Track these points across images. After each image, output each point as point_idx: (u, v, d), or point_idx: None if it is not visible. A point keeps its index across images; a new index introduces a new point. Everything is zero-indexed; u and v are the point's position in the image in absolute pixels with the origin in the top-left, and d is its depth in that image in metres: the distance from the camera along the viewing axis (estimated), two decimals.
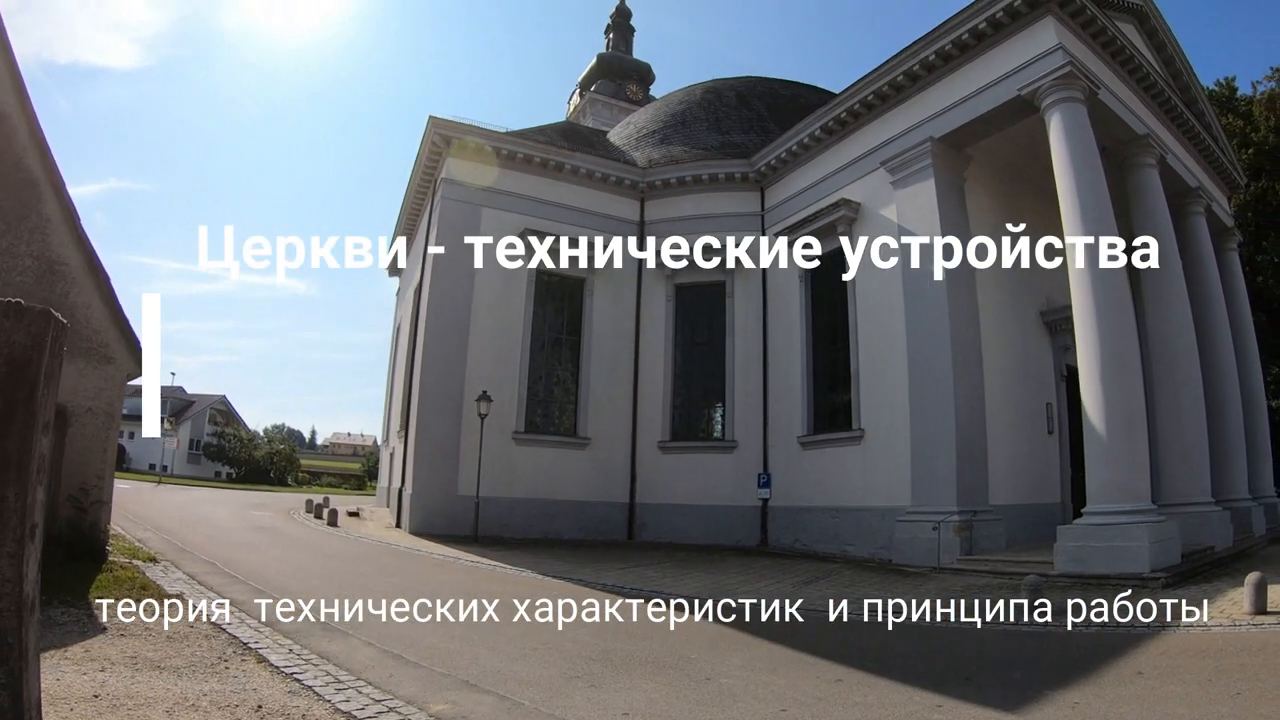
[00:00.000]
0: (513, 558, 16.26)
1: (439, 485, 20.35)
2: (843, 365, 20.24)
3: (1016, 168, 20.12)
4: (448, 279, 21.59)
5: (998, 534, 16.66)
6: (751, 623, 10.59)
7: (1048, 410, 20.17)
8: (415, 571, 14.50)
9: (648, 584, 13.62)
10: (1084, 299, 15.02)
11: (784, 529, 20.81)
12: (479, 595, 11.97)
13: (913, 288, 18.18)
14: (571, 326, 23.22)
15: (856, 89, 20.07)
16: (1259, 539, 18.96)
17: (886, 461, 18.19)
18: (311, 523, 22.87)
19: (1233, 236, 25.96)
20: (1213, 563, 14.40)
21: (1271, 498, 23.20)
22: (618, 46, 60.70)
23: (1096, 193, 15.48)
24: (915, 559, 16.23)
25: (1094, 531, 13.64)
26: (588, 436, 22.44)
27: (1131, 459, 14.15)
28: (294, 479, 70.27)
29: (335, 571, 13.85)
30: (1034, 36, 16.45)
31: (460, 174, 22.34)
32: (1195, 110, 22.44)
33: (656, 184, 24.59)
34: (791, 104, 27.59)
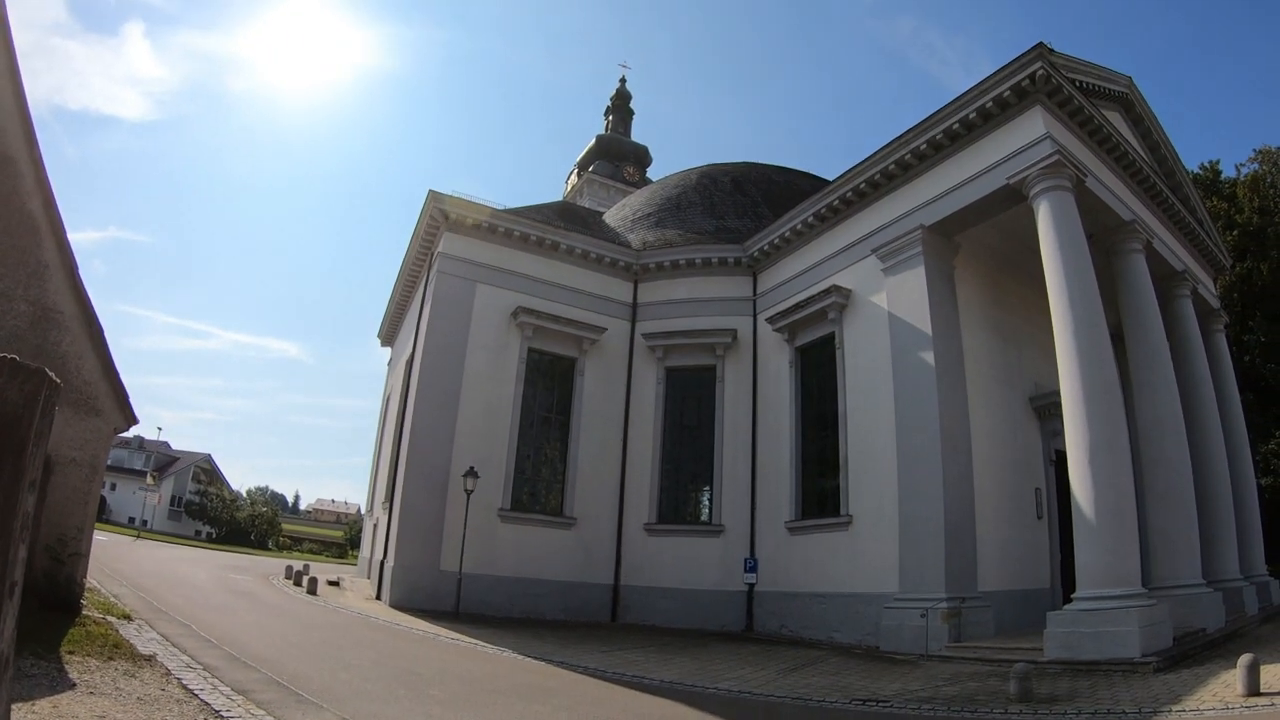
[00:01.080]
0: (494, 636, 15.98)
1: (422, 559, 20.06)
2: (831, 450, 20.26)
3: (1005, 254, 20.43)
4: (440, 352, 21.64)
5: (986, 620, 16.46)
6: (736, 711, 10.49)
7: (1037, 495, 20.14)
8: (394, 646, 14.18)
9: (630, 668, 13.40)
10: (1072, 384, 15.06)
11: (770, 614, 20.56)
12: (458, 674, 11.86)
13: (902, 374, 18.27)
14: (561, 405, 23.22)
15: (849, 177, 20.42)
16: (1251, 619, 18.73)
17: (874, 547, 18.07)
18: (291, 590, 22.47)
19: (1219, 318, 26.18)
20: (1205, 645, 14.22)
21: (1263, 576, 23.03)
22: (617, 128, 61.84)
23: (1084, 279, 15.62)
24: (903, 646, 15.99)
25: (1084, 617, 13.48)
26: (574, 516, 22.26)
27: (1121, 543, 14.05)
28: (275, 543, 69.72)
29: (312, 641, 13.51)
30: (1022, 126, 16.77)
31: (457, 249, 22.57)
32: (1180, 194, 22.82)
33: (650, 266, 24.89)
34: (785, 190, 28.23)
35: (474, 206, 22.77)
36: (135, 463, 69.39)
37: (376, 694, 9.50)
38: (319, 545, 76.25)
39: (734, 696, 11.52)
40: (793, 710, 10.84)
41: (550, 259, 23.81)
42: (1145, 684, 11.26)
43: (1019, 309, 20.99)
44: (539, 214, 25.19)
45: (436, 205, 22.51)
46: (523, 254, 23.37)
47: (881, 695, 11.43)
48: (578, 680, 12.33)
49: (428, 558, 20.08)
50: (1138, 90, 20.77)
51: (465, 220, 22.63)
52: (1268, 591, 22.31)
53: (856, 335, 20.11)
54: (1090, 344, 15.12)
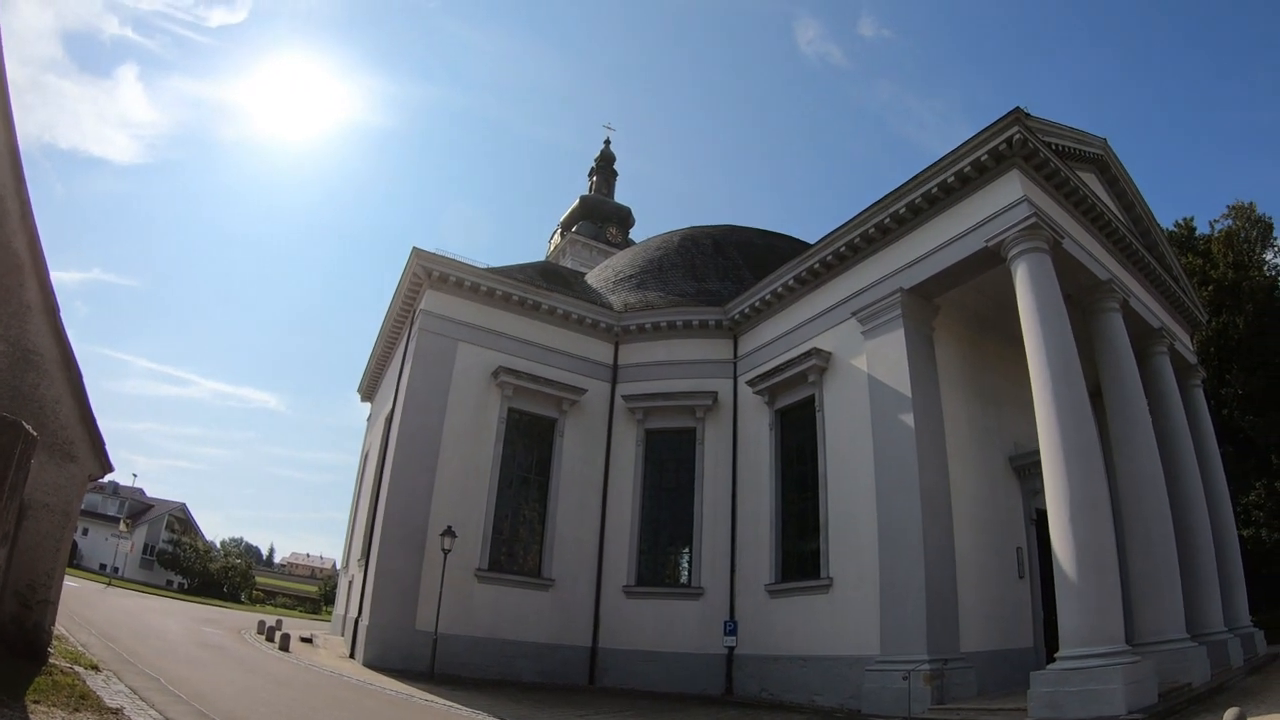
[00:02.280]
0: (469, 699, 15.67)
1: (397, 618, 19.70)
2: (811, 513, 20.18)
3: (983, 316, 20.60)
4: (420, 410, 21.51)
5: (969, 682, 16.29)
6: None
7: (1018, 554, 20.05)
8: (367, 707, 13.94)
9: None
10: (1052, 444, 15.10)
11: (750, 678, 20.30)
12: None
13: (882, 436, 18.29)
14: (541, 466, 23.10)
15: (829, 241, 20.63)
16: (1237, 671, 18.69)
17: (855, 610, 17.93)
18: (263, 645, 22.17)
19: (1196, 373, 26.43)
20: (1191, 699, 14.19)
21: (1247, 628, 23.07)
22: (600, 189, 62.26)
23: (1062, 340, 15.74)
24: (885, 709, 15.80)
25: (1068, 676, 13.39)
26: (552, 578, 22.05)
27: (1103, 600, 14.00)
28: (248, 596, 68.70)
29: (283, 700, 13.24)
30: (1000, 190, 17.00)
31: (439, 307, 22.59)
32: (1156, 253, 23.15)
33: (631, 328, 25.01)
34: (767, 253, 28.41)
35: (457, 265, 22.81)
36: (109, 509, 68.54)
37: None
38: (293, 600, 75.38)
39: None
40: None
41: (532, 319, 23.90)
42: None
43: (998, 369, 21.10)
44: (521, 274, 25.28)
45: (420, 262, 22.52)
46: (505, 313, 23.46)
47: None
48: None
49: (403, 616, 19.73)
50: (1112, 152, 21.16)
51: (448, 278, 22.69)
52: (1253, 643, 22.36)
53: (836, 398, 20.16)
54: (1069, 403, 15.18)
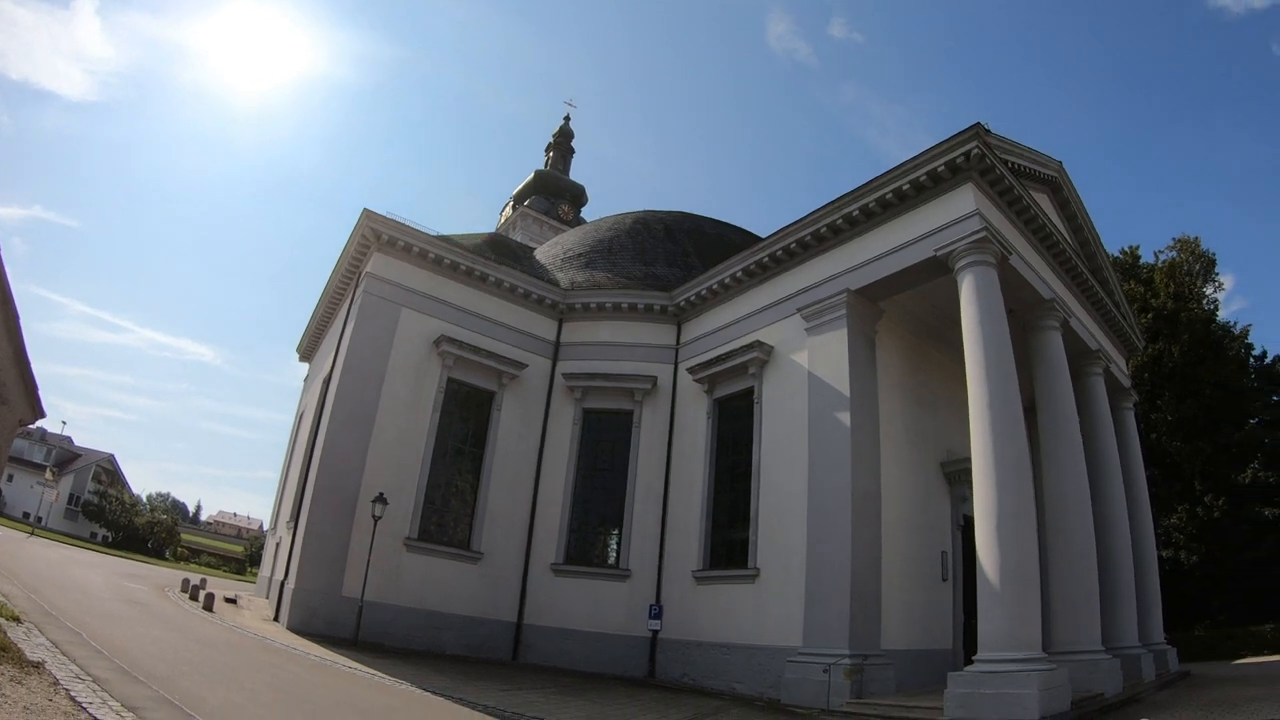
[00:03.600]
0: (393, 667, 15.60)
1: (324, 583, 19.43)
2: (743, 503, 20.29)
3: (926, 322, 20.94)
4: (358, 374, 21.18)
5: (888, 678, 16.56)
6: None
7: (943, 558, 20.48)
8: (290, 671, 13.78)
9: (529, 709, 13.18)
10: (983, 454, 15.38)
11: (673, 662, 20.40)
12: (355, 704, 11.61)
13: (818, 433, 18.44)
14: (476, 438, 22.90)
15: (780, 236, 20.68)
16: (1149, 685, 19.36)
17: (780, 601, 18.08)
18: (186, 604, 21.77)
19: (1129, 396, 27.14)
20: (1102, 709, 14.61)
21: (1161, 645, 23.91)
22: (556, 165, 61.95)
23: (1001, 353, 16.04)
24: (804, 700, 16.00)
25: (984, 679, 13.68)
26: (481, 551, 21.90)
27: (1023, 608, 14.32)
28: (172, 553, 67.60)
29: (206, 660, 13.02)
30: (953, 201, 17.20)
31: (385, 271, 22.26)
32: (1100, 276, 23.67)
33: (576, 307, 24.89)
34: (717, 242, 28.50)
35: (407, 229, 22.50)
36: (35, 455, 66.71)
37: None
38: (217, 559, 74.33)
39: None
40: None
41: (477, 290, 23.69)
42: None
43: (936, 376, 21.49)
44: (470, 244, 25.04)
45: (369, 224, 22.19)
46: (450, 282, 23.20)
47: None
48: (476, 718, 12.09)
49: (330, 582, 19.46)
50: (1067, 175, 21.61)
51: (397, 242, 22.36)
52: (1165, 659, 23.16)
53: (775, 391, 20.26)
54: (1003, 415, 15.47)
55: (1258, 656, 30.96)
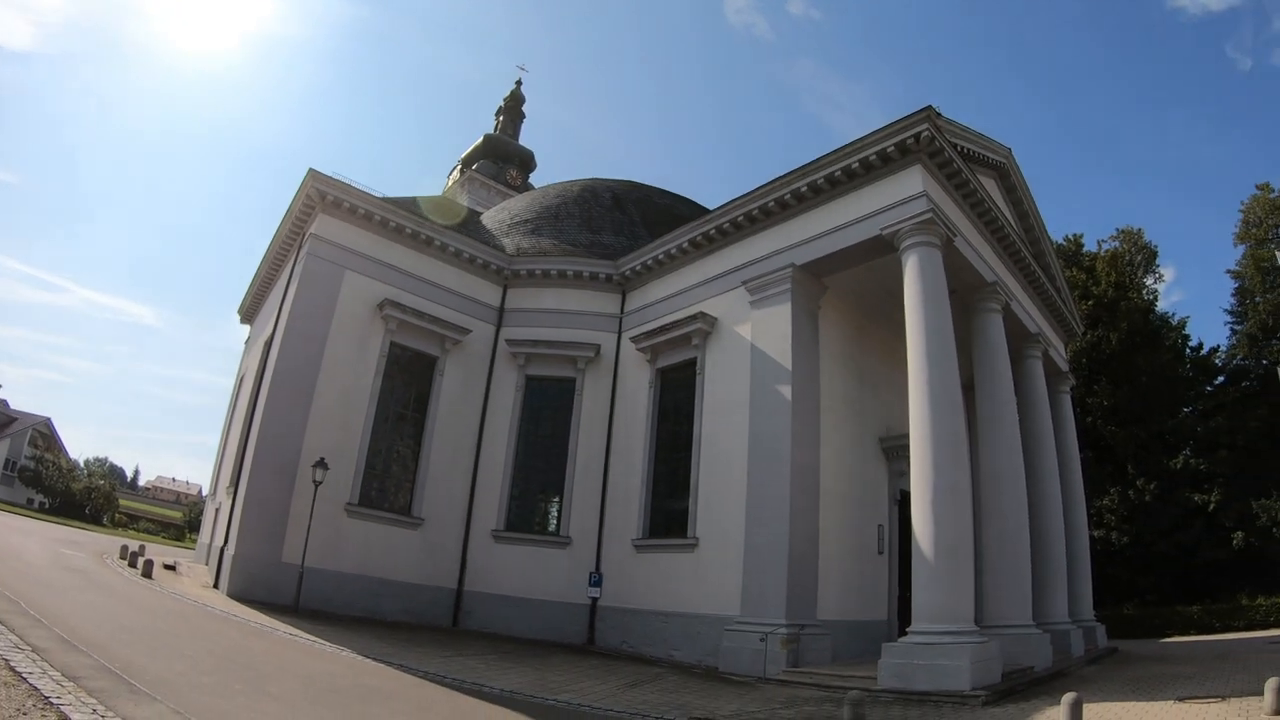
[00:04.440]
0: (333, 634, 15.56)
1: (264, 550, 19.21)
2: (683, 473, 20.45)
3: (869, 300, 21.11)
4: (300, 336, 20.84)
5: (824, 648, 16.90)
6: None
7: (879, 532, 20.86)
8: (230, 638, 13.72)
9: (470, 675, 13.27)
10: (921, 430, 15.67)
11: (613, 629, 20.58)
12: (297, 671, 11.58)
13: (759, 405, 18.61)
14: (418, 403, 22.70)
15: (728, 209, 20.67)
16: (1077, 659, 20.04)
17: (719, 571, 18.28)
18: (125, 571, 21.44)
19: (1066, 380, 27.78)
20: (1032, 682, 14.99)
21: (1090, 621, 24.69)
22: (506, 129, 60.78)
23: (942, 333, 16.30)
24: (741, 668, 16.25)
25: (917, 650, 14.04)
26: (422, 517, 21.81)
27: (956, 582, 14.69)
28: (111, 520, 66.29)
29: (147, 628, 12.94)
30: (901, 182, 17.35)
31: (329, 232, 21.88)
32: (1043, 263, 24.12)
33: (521, 273, 24.72)
34: (664, 213, 28.46)
35: (352, 191, 22.10)
36: None
37: (212, 687, 9.20)
38: (157, 525, 73.01)
39: (573, 709, 11.55)
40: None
41: (422, 254, 23.38)
42: (973, 716, 11.78)
43: (878, 353, 21.76)
44: (416, 207, 24.68)
45: (315, 185, 21.72)
46: (395, 245, 22.89)
47: (718, 715, 11.62)
48: (418, 684, 12.17)
49: (270, 548, 19.24)
50: (1015, 162, 21.96)
51: (342, 204, 21.95)
52: (1094, 635, 23.96)
53: (718, 363, 20.35)
54: (941, 394, 15.76)
55: (1184, 636, 32.04)
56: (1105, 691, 14.10)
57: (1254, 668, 15.82)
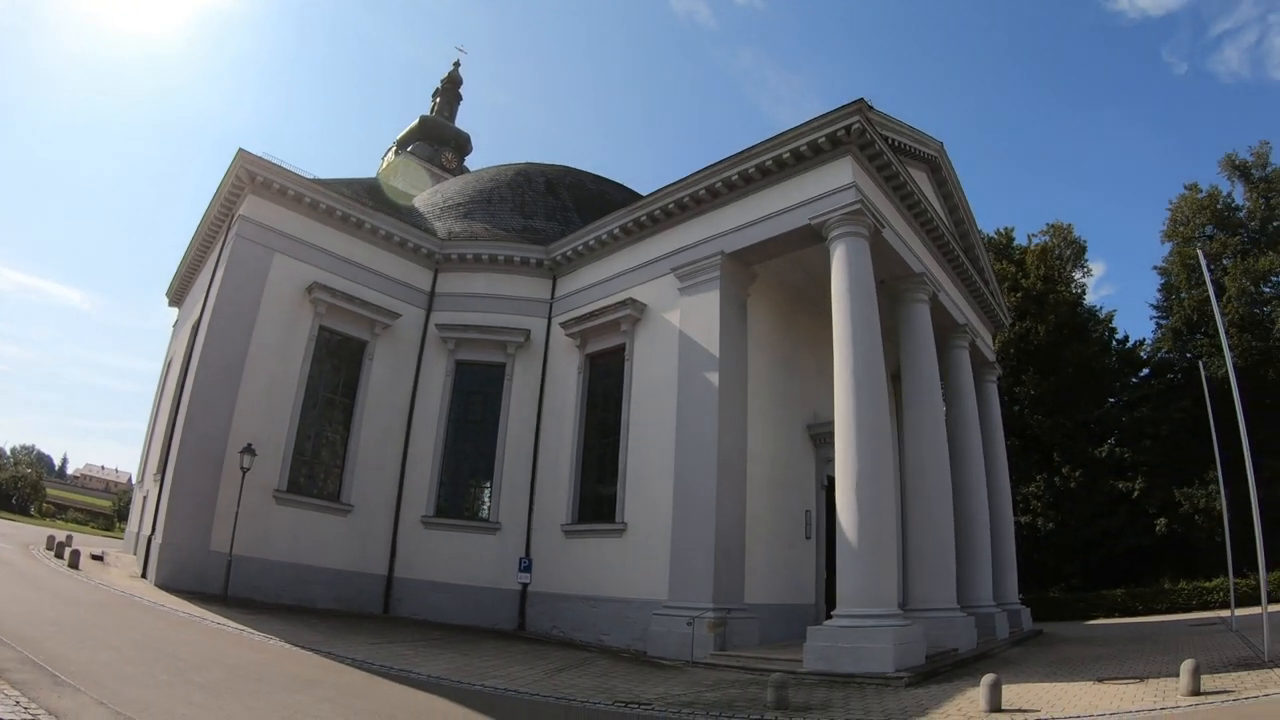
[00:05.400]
0: (262, 623, 15.41)
1: (191, 538, 18.84)
2: (611, 459, 20.53)
3: (797, 288, 21.45)
4: (227, 320, 20.43)
5: (751, 631, 17.13)
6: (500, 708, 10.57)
7: (807, 517, 21.19)
8: (157, 628, 13.56)
9: (398, 661, 13.27)
10: (845, 417, 15.95)
11: (543, 615, 20.64)
12: (224, 660, 11.51)
13: (687, 391, 18.73)
14: (348, 388, 22.40)
15: (659, 196, 20.71)
16: (1001, 642, 20.53)
17: (646, 556, 18.43)
18: (51, 562, 21.09)
19: (993, 369, 28.37)
20: (955, 664, 15.37)
21: (1015, 605, 25.35)
22: (442, 111, 60.32)
23: (868, 322, 16.57)
24: (669, 652, 16.42)
25: (842, 633, 14.34)
26: (351, 504, 21.58)
27: (880, 566, 14.98)
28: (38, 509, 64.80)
29: (72, 620, 12.81)
30: (831, 172, 17.55)
31: (258, 214, 21.42)
32: (972, 255, 24.63)
33: (453, 257, 24.49)
34: (597, 199, 28.51)
35: (282, 172, 21.69)
36: None
37: (138, 678, 9.15)
38: (85, 515, 71.58)
39: (499, 694, 11.59)
40: (556, 710, 11.00)
41: (353, 237, 23.05)
42: (896, 697, 12.01)
43: (806, 341, 22.00)
44: (348, 189, 24.24)
45: (244, 165, 21.23)
46: (326, 228, 22.52)
47: (644, 698, 11.70)
48: (344, 671, 12.14)
49: (198, 537, 18.87)
50: (946, 156, 22.39)
51: (271, 185, 21.50)
52: (1019, 618, 24.56)
53: (646, 349, 20.45)
54: (866, 382, 16.04)
55: (1108, 618, 33.05)
56: (1027, 673, 14.51)
57: (1173, 650, 16.34)
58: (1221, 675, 12.36)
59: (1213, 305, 19.89)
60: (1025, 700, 11.12)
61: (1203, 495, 35.94)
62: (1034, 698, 11.35)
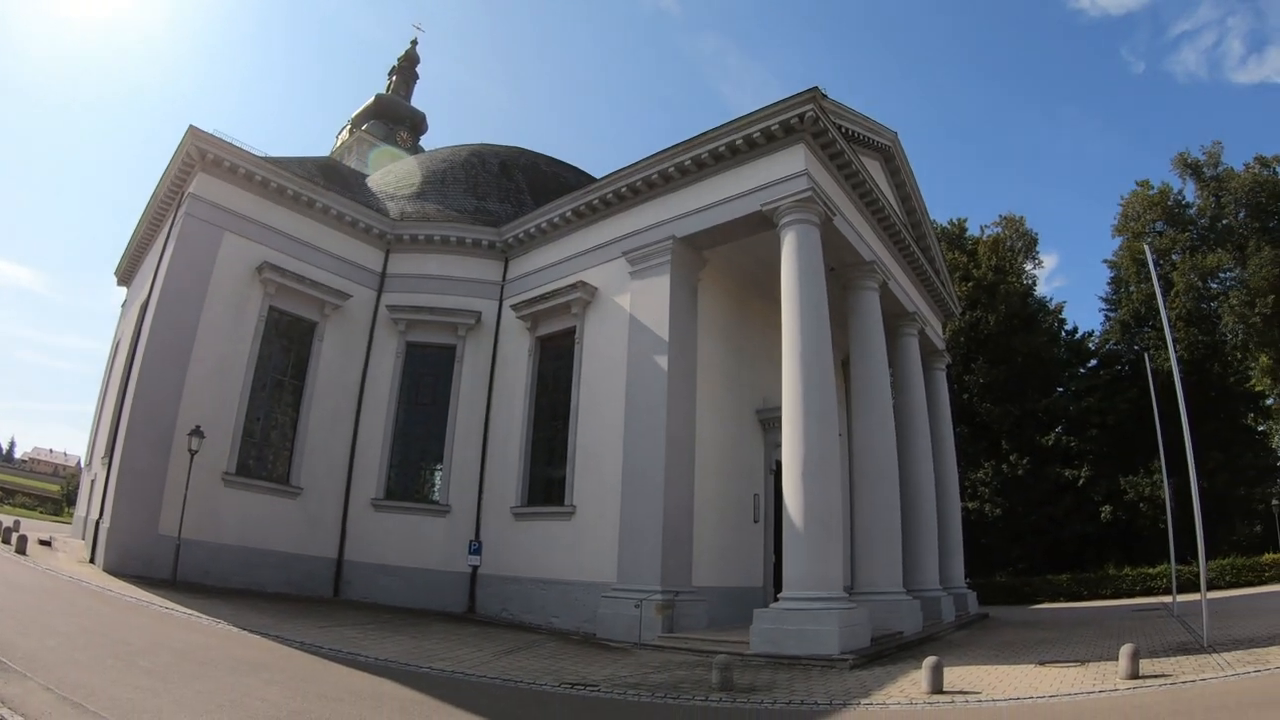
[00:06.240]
0: (211, 607, 15.26)
1: (140, 522, 18.57)
2: (561, 442, 20.58)
3: (748, 274, 21.53)
4: (176, 300, 20.10)
5: (699, 614, 17.33)
6: (446, 690, 10.53)
7: (755, 501, 21.40)
8: (105, 613, 13.44)
9: (347, 645, 13.25)
10: (793, 403, 16.12)
11: (493, 597, 20.67)
12: (171, 645, 11.44)
13: (636, 375, 18.82)
14: (297, 369, 22.15)
15: (612, 179, 20.68)
16: (948, 625, 20.94)
17: (595, 538, 18.55)
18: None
19: (942, 357, 28.83)
20: (900, 646, 15.66)
21: (962, 589, 25.86)
22: (398, 90, 59.54)
23: (817, 309, 16.74)
24: (618, 634, 16.56)
25: (787, 615, 14.55)
26: (300, 486, 21.40)
27: (826, 550, 15.23)
28: None
29: (18, 605, 12.67)
30: (784, 159, 17.65)
31: (209, 192, 21.06)
32: (923, 244, 24.97)
33: (404, 238, 24.27)
34: (551, 181, 28.37)
35: (233, 150, 21.34)
36: None
37: (84, 663, 9.11)
38: (33, 500, 70.33)
39: (446, 676, 11.63)
40: (502, 691, 11.05)
41: (304, 216, 22.73)
42: (840, 679, 12.20)
43: (756, 326, 22.13)
44: (301, 167, 23.97)
45: (195, 142, 20.87)
46: (277, 207, 22.20)
47: (591, 680, 11.81)
48: (292, 655, 12.12)
49: (146, 520, 18.60)
50: (900, 146, 22.64)
51: (222, 162, 21.14)
52: (965, 602, 25.06)
53: (597, 332, 20.49)
54: (814, 368, 16.23)
55: (1054, 603, 33.79)
56: (971, 655, 14.82)
57: (1116, 634, 16.71)
58: (1161, 660, 12.72)
59: (1158, 299, 20.35)
60: (967, 682, 11.38)
61: (1147, 484, 36.92)
62: (976, 680, 11.61)
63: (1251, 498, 38.58)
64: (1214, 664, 12.08)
